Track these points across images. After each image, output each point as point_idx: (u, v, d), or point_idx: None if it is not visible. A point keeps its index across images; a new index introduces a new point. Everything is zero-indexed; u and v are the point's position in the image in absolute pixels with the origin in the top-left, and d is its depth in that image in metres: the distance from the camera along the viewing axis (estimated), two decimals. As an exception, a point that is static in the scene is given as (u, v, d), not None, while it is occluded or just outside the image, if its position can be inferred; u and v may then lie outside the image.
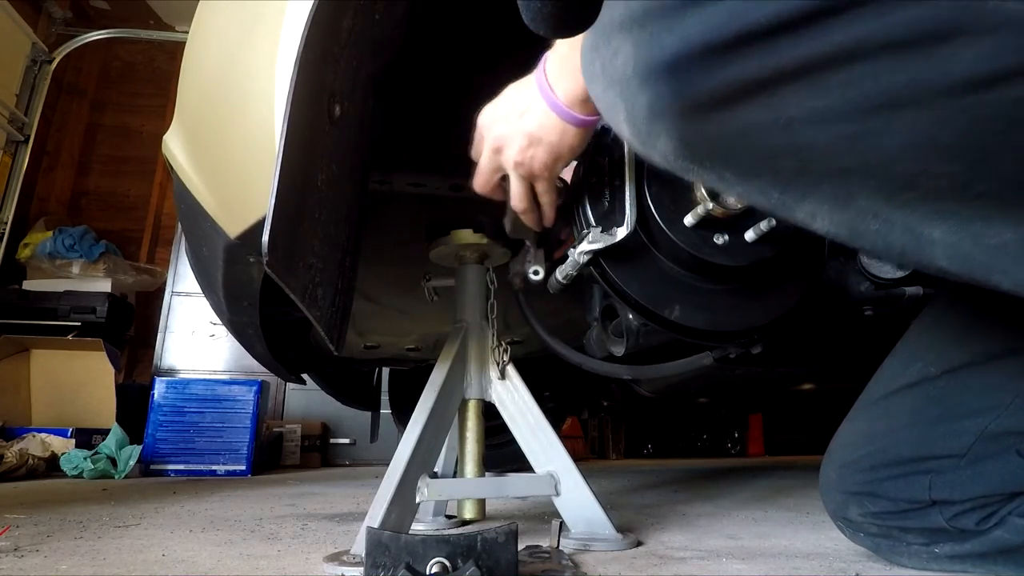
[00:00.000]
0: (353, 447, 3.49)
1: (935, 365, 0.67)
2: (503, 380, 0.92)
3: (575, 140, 0.67)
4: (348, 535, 0.94)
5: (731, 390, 2.05)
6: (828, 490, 0.74)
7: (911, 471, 0.65)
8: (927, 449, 0.65)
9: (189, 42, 0.90)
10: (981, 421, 0.62)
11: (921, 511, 0.65)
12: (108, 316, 3.27)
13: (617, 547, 0.82)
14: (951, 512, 0.63)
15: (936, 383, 0.66)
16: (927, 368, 0.68)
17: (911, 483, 0.65)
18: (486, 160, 0.75)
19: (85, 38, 3.68)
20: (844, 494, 0.71)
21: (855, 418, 0.74)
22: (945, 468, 0.63)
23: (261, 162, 0.66)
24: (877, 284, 0.99)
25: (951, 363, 0.66)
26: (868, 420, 0.72)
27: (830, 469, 0.74)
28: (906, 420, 0.67)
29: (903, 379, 0.70)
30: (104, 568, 0.71)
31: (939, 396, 0.66)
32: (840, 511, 0.73)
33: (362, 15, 0.72)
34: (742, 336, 0.79)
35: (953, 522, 0.63)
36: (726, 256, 0.73)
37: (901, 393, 0.69)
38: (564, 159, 0.70)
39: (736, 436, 4.11)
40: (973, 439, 0.62)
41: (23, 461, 2.00)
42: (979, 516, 0.62)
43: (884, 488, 0.67)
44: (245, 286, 0.88)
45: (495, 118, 0.72)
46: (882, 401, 0.71)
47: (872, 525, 0.70)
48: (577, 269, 0.75)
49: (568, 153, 0.69)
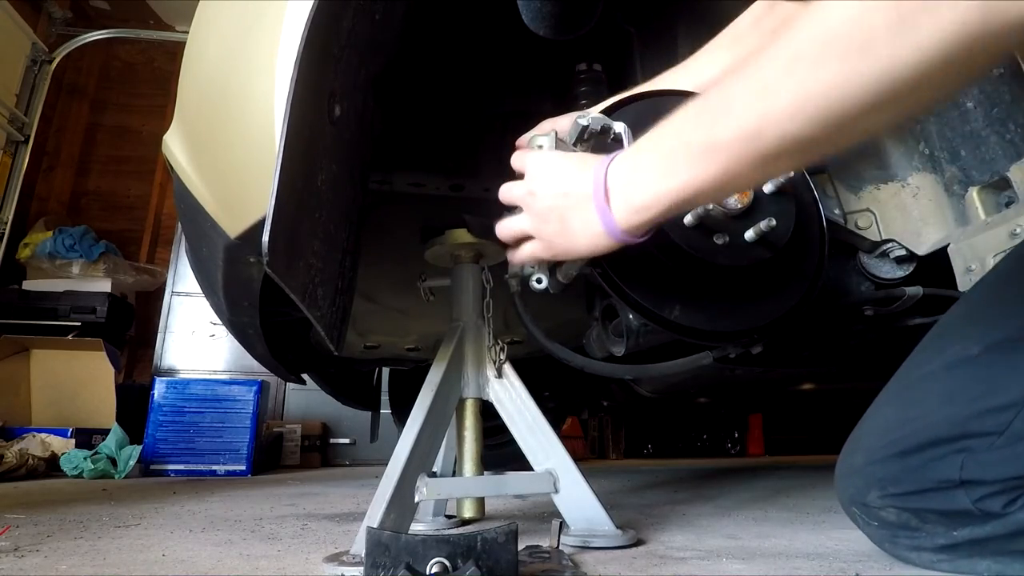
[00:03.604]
0: (353, 447, 3.49)
1: (976, 343, 0.65)
2: (500, 379, 0.92)
3: (611, 248, 0.66)
4: (348, 535, 0.94)
5: (731, 390, 2.05)
6: (850, 475, 0.73)
7: (944, 452, 0.64)
8: (963, 427, 0.63)
9: (189, 42, 0.90)
10: (1022, 397, 0.60)
11: (946, 491, 0.64)
12: (108, 316, 3.27)
13: (617, 542, 0.82)
14: (979, 493, 0.62)
15: (977, 361, 0.65)
16: (967, 347, 0.66)
17: (942, 464, 0.64)
18: (522, 227, 0.72)
19: (85, 38, 3.68)
20: (868, 479, 0.70)
21: (886, 403, 0.73)
22: (980, 447, 0.62)
23: (261, 162, 0.66)
24: (877, 284, 0.99)
25: (993, 339, 0.64)
26: (901, 405, 0.71)
27: (857, 455, 0.72)
28: (942, 400, 0.66)
29: (939, 360, 0.68)
30: (104, 568, 0.71)
31: (979, 374, 0.64)
32: (859, 496, 0.71)
33: (362, 15, 0.72)
34: (742, 336, 0.79)
35: (980, 504, 0.62)
36: (726, 256, 0.73)
37: (937, 375, 0.68)
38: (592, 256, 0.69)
39: (736, 436, 4.11)
40: (1013, 416, 0.60)
41: (23, 461, 2.00)
42: (1006, 499, 0.61)
43: (914, 475, 0.66)
44: (245, 286, 0.88)
45: (544, 188, 0.69)
46: (916, 385, 0.70)
47: (891, 508, 0.68)
48: (577, 269, 0.75)
49: (598, 253, 0.68)
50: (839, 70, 0.44)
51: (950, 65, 0.42)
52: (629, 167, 0.61)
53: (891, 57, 0.42)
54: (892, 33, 0.42)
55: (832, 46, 0.44)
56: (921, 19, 0.40)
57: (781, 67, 0.47)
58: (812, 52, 0.45)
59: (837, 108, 0.46)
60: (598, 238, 0.63)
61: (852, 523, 0.76)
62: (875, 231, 0.98)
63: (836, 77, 0.45)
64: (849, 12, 0.44)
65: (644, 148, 0.60)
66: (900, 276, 0.98)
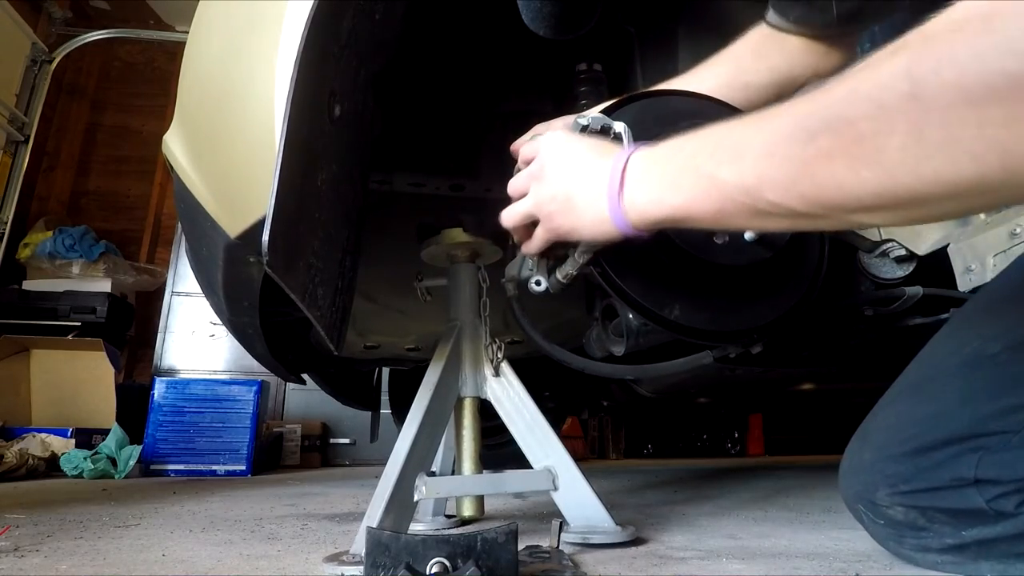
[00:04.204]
0: (353, 447, 3.49)
1: (995, 341, 0.65)
2: (498, 377, 0.92)
3: (613, 238, 0.65)
4: (348, 535, 0.94)
5: (731, 390, 2.05)
6: (857, 472, 0.72)
7: (960, 451, 0.63)
8: (980, 426, 0.62)
9: (189, 42, 0.90)
10: None
11: (958, 490, 0.63)
12: (108, 316, 3.27)
13: (617, 539, 0.82)
14: (993, 493, 0.61)
15: (996, 359, 0.64)
16: (985, 345, 0.65)
17: (957, 463, 0.63)
18: (526, 208, 0.72)
19: (85, 38, 3.68)
20: (877, 475, 0.69)
21: (897, 400, 0.72)
22: (996, 446, 0.61)
23: (261, 162, 0.66)
24: (877, 284, 0.99)
25: (1014, 339, 0.63)
26: (915, 402, 0.70)
27: (865, 451, 0.71)
28: (959, 399, 0.65)
29: (957, 357, 0.67)
30: (104, 568, 0.72)
31: (998, 373, 0.63)
32: (866, 493, 0.70)
33: (362, 15, 0.72)
34: (742, 336, 0.79)
35: (993, 503, 0.61)
36: (726, 256, 0.73)
37: (955, 372, 0.67)
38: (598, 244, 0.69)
39: (736, 436, 4.11)
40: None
41: (23, 461, 2.00)
42: (1019, 499, 0.60)
43: (927, 473, 0.65)
44: (245, 286, 0.88)
45: (556, 165, 0.68)
46: (931, 382, 0.69)
47: (899, 507, 0.67)
48: (577, 269, 0.75)
49: (599, 240, 0.67)
50: (841, 167, 0.43)
51: (961, 195, 0.40)
52: (645, 166, 0.61)
53: (893, 174, 0.41)
54: (904, 151, 0.40)
55: (842, 139, 0.43)
56: (937, 147, 0.38)
57: (788, 136, 0.46)
58: (821, 139, 0.44)
59: (833, 200, 0.45)
60: (603, 224, 0.63)
61: (854, 522, 0.75)
62: (875, 231, 0.97)
63: (836, 174, 0.43)
64: (869, 111, 0.41)
65: (663, 153, 0.60)
66: (900, 276, 0.98)
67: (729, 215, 0.53)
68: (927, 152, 0.39)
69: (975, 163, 0.38)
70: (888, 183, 0.41)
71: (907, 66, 0.39)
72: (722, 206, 0.52)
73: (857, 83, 0.43)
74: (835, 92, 0.44)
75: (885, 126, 0.40)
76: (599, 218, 0.63)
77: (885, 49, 0.42)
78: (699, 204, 0.54)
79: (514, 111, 1.19)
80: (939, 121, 0.38)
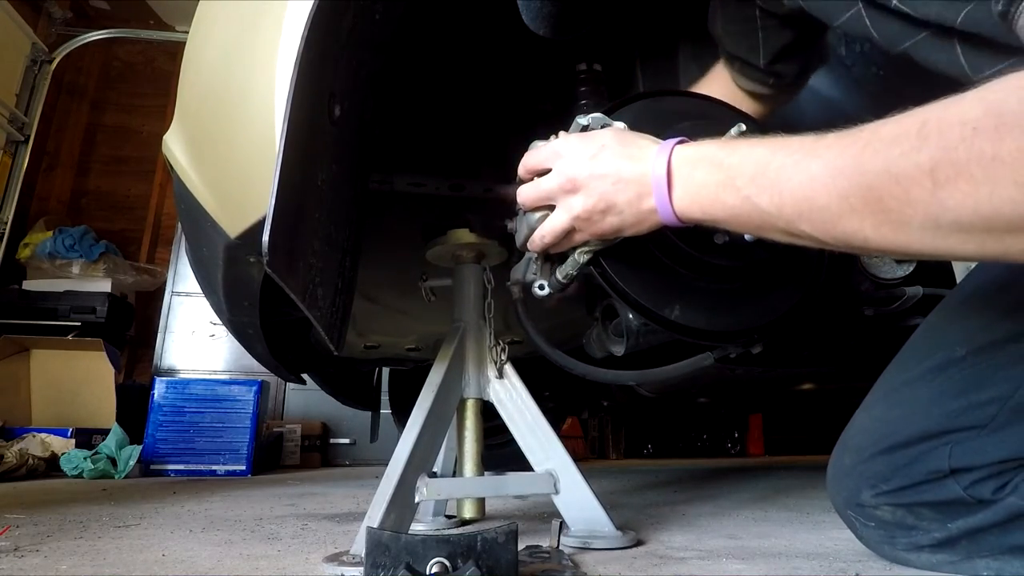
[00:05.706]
0: (353, 447, 3.48)
1: (961, 346, 0.68)
2: (501, 379, 0.92)
3: (654, 227, 0.65)
4: (348, 535, 0.94)
5: (731, 390, 2.05)
6: (841, 477, 0.74)
7: (932, 446, 0.66)
8: (950, 422, 0.65)
9: (189, 42, 0.90)
10: (1006, 391, 0.63)
11: (937, 482, 0.65)
12: (108, 316, 3.26)
13: (617, 543, 0.82)
14: (968, 480, 0.64)
15: (962, 363, 0.67)
16: (952, 350, 0.68)
17: (930, 457, 0.66)
18: (548, 187, 0.69)
19: (85, 38, 3.67)
20: (859, 478, 0.71)
21: (872, 405, 0.74)
22: (966, 439, 0.64)
23: (261, 162, 0.66)
24: (877, 284, 0.99)
25: (978, 342, 0.67)
26: (887, 406, 0.72)
27: (845, 457, 0.74)
28: (929, 400, 0.68)
29: (926, 364, 0.70)
30: (104, 568, 0.72)
31: (964, 375, 0.66)
32: (853, 497, 0.72)
33: (362, 15, 0.72)
34: (742, 336, 0.79)
35: (970, 491, 0.64)
36: (726, 256, 0.73)
37: (924, 376, 0.70)
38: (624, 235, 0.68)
39: (736, 436, 4.11)
40: (997, 410, 0.63)
41: (23, 461, 1.99)
42: (996, 484, 0.63)
43: (904, 470, 0.67)
44: (245, 286, 0.88)
45: (585, 183, 0.65)
46: (903, 387, 0.71)
47: (885, 507, 0.69)
48: (577, 269, 0.75)
49: (643, 232, 0.66)
50: (868, 226, 0.47)
51: (976, 244, 0.43)
52: (687, 172, 0.61)
53: (911, 240, 0.46)
54: (923, 230, 0.44)
55: (868, 206, 0.47)
56: (952, 199, 0.42)
57: (823, 186, 0.50)
58: (852, 198, 0.48)
59: (858, 247, 0.50)
60: (649, 217, 0.63)
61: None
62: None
63: (863, 229, 0.48)
64: (895, 192, 0.45)
65: (704, 165, 0.60)
66: (900, 276, 0.98)
67: (767, 233, 0.57)
68: (943, 211, 0.43)
69: (991, 214, 0.41)
70: (906, 244, 0.47)
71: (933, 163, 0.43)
72: (761, 225, 0.57)
73: (888, 163, 0.45)
74: (866, 159, 0.47)
75: (908, 207, 0.44)
76: (643, 214, 0.64)
77: (909, 118, 0.45)
78: (741, 222, 0.58)
79: (514, 111, 1.19)
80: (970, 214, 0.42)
